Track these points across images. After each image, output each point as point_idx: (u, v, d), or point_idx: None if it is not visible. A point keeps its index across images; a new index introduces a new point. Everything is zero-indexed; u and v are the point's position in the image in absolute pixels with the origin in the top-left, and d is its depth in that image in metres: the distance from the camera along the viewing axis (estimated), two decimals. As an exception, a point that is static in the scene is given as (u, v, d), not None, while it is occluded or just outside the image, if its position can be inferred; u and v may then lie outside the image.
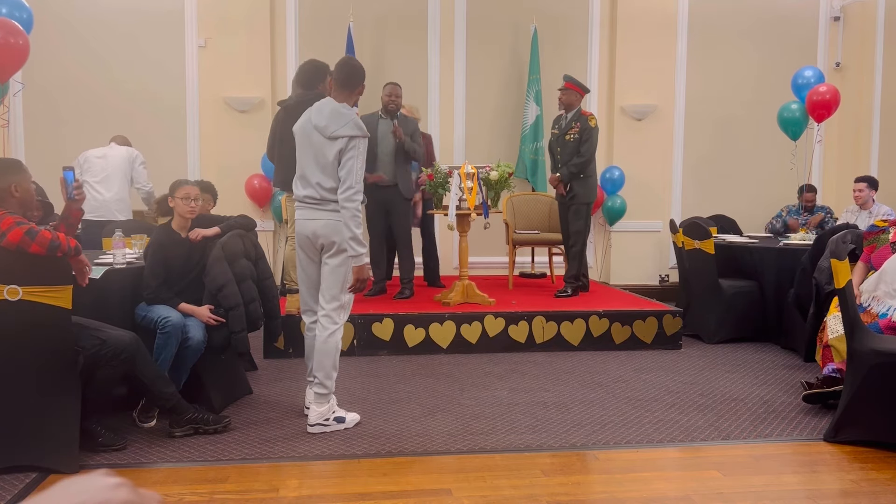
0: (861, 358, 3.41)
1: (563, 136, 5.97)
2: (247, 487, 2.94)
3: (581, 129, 5.90)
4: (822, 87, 6.49)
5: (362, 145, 3.46)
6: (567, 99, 5.97)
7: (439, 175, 5.47)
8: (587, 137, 5.86)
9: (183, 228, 3.88)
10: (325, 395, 3.58)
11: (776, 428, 3.66)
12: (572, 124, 5.94)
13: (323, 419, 3.56)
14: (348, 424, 3.62)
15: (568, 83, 6.00)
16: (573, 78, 6.05)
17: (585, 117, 5.93)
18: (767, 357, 5.22)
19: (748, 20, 7.58)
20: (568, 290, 5.94)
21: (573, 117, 5.96)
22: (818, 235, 5.24)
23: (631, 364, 4.95)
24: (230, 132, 6.87)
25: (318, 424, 3.55)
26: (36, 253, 2.91)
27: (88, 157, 5.88)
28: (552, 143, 6.17)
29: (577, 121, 5.93)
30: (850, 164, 7.73)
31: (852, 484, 2.99)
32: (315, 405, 3.58)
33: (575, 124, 5.92)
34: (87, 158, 5.88)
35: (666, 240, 7.07)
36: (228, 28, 6.88)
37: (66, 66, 6.80)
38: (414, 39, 7.25)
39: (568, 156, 5.92)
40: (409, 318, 5.18)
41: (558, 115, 6.17)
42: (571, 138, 5.92)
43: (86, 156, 5.90)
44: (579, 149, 5.86)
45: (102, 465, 3.13)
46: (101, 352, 3.18)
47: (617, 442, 3.47)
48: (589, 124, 5.89)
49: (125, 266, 3.88)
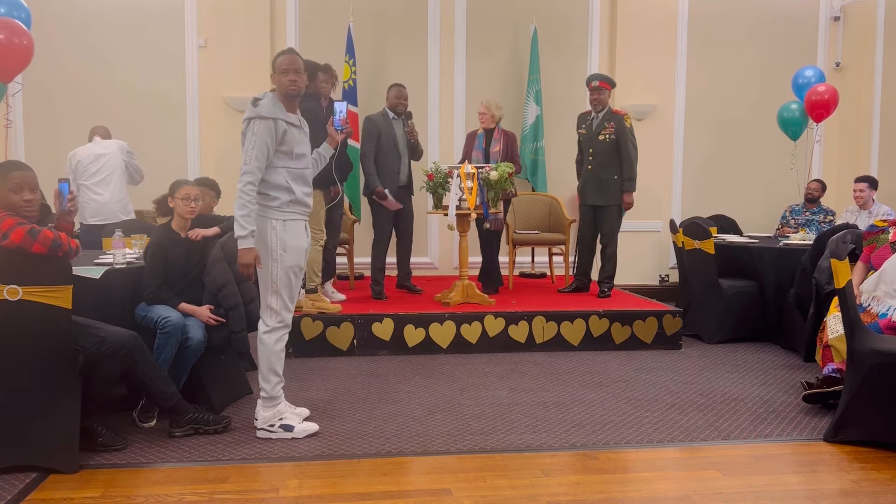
0: (861, 358, 3.41)
1: (597, 137, 5.86)
2: (247, 487, 2.94)
3: (617, 129, 5.79)
4: (821, 86, 6.49)
5: (258, 126, 3.29)
6: (601, 98, 5.85)
7: (439, 175, 5.47)
8: (629, 139, 5.78)
9: (183, 228, 3.88)
10: (268, 399, 3.48)
11: (776, 428, 3.66)
12: (605, 124, 5.83)
13: (267, 424, 3.47)
14: (297, 434, 3.46)
15: (602, 82, 5.86)
16: (605, 75, 5.95)
17: (620, 117, 5.83)
18: (767, 357, 5.22)
19: (748, 20, 7.58)
20: (606, 291, 5.90)
21: (605, 116, 5.85)
22: (818, 235, 5.24)
23: (631, 364, 4.95)
24: (230, 132, 6.85)
25: (263, 430, 3.48)
26: (38, 252, 2.91)
27: (80, 159, 5.65)
28: (582, 143, 6.05)
29: (610, 120, 5.82)
30: (850, 164, 7.72)
31: (852, 484, 2.99)
32: (260, 409, 3.50)
33: (608, 124, 5.81)
34: (79, 160, 5.65)
35: (666, 240, 7.07)
36: (228, 28, 6.87)
37: (66, 65, 6.79)
38: (414, 39, 7.25)
39: (605, 158, 5.82)
40: (409, 318, 5.18)
41: (584, 114, 6.05)
42: (606, 138, 5.82)
43: (76, 157, 5.68)
44: (620, 151, 5.78)
45: (102, 465, 3.14)
46: (100, 349, 3.18)
47: (617, 442, 3.47)
48: (625, 125, 5.80)
49: (125, 266, 3.88)
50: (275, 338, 3.47)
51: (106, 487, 2.91)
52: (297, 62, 3.40)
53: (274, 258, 3.38)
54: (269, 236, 3.36)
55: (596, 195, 5.93)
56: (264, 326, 3.46)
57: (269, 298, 3.43)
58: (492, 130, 5.98)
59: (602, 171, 5.86)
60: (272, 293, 3.42)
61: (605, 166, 5.85)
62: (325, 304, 5.19)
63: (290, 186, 3.38)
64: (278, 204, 3.37)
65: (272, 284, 3.41)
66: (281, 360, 3.50)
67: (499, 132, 5.97)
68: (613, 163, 5.84)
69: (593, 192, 5.94)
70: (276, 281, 3.40)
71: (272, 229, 3.36)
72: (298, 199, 3.42)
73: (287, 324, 3.51)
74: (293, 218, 3.42)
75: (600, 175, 5.87)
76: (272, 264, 3.38)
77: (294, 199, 3.40)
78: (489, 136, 5.98)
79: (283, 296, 3.44)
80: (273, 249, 3.37)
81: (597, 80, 5.89)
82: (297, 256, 3.44)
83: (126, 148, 5.82)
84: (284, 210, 3.38)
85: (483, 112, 5.96)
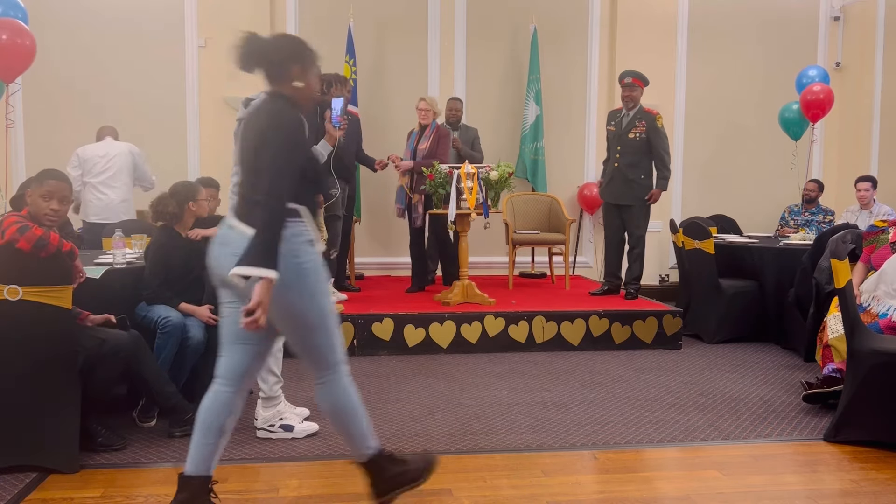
0: (861, 358, 3.41)
1: (626, 135, 5.77)
2: (247, 487, 2.94)
3: (649, 129, 5.70)
4: (816, 86, 6.51)
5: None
6: (633, 95, 5.76)
7: (439, 175, 5.47)
8: (661, 139, 5.72)
9: (186, 228, 3.88)
10: (267, 400, 3.47)
11: (776, 428, 3.66)
12: (635, 122, 5.75)
13: (267, 424, 3.46)
14: (297, 434, 3.45)
15: (635, 79, 5.76)
16: (638, 72, 5.81)
17: (653, 116, 5.74)
18: (767, 357, 5.22)
19: (748, 20, 7.58)
20: (633, 292, 5.85)
21: (636, 115, 5.76)
22: (818, 235, 5.24)
23: (631, 364, 4.95)
24: (230, 132, 6.79)
25: (263, 429, 3.47)
26: (22, 249, 2.90)
27: (89, 157, 5.67)
28: (610, 140, 5.96)
29: (641, 118, 5.74)
30: (850, 164, 7.72)
31: (852, 484, 2.99)
32: (260, 408, 3.49)
33: (639, 122, 5.74)
34: (87, 157, 5.67)
35: (666, 240, 7.06)
36: (228, 28, 6.81)
37: (66, 66, 6.79)
38: (414, 39, 7.25)
39: (634, 157, 5.74)
40: (409, 317, 5.18)
41: (614, 111, 5.99)
42: (637, 137, 5.73)
43: (84, 154, 5.69)
44: (652, 151, 5.72)
45: (102, 465, 3.14)
46: (100, 350, 3.18)
47: (617, 442, 3.47)
48: (657, 125, 5.71)
49: (125, 266, 3.88)
50: None
51: (106, 487, 2.91)
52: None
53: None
54: None
55: (622, 194, 5.83)
56: None
57: None
58: (425, 128, 5.95)
59: (629, 171, 5.77)
60: None
61: (633, 165, 5.76)
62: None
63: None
64: None
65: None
66: (278, 360, 3.49)
67: (430, 129, 5.93)
68: (641, 163, 5.76)
69: (619, 190, 5.85)
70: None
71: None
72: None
73: None
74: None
75: (627, 174, 5.78)
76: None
77: None
78: (423, 133, 5.96)
79: None
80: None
81: (630, 77, 5.77)
82: None
83: (137, 152, 5.84)
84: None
85: (425, 109, 5.92)
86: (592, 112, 7.51)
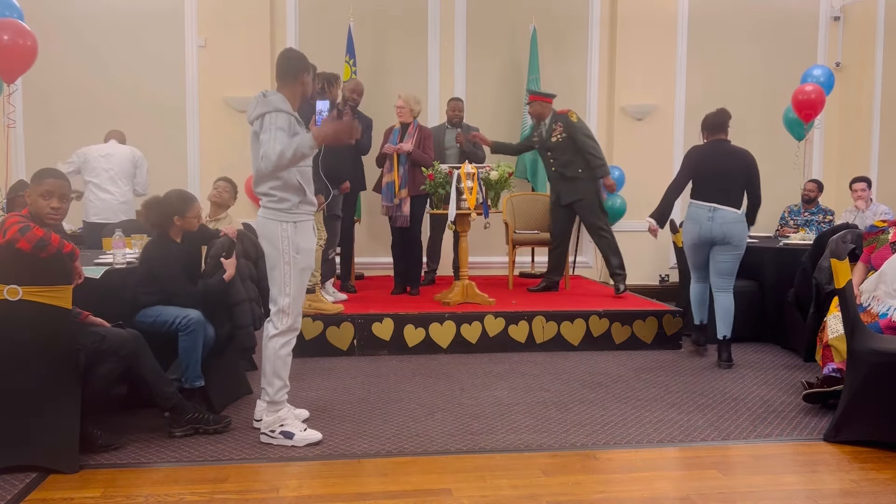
0: (861, 358, 3.41)
1: (549, 140, 6.02)
2: (247, 487, 2.94)
3: (566, 127, 5.94)
4: (808, 86, 6.52)
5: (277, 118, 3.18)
6: (537, 111, 6.06)
7: (439, 175, 5.47)
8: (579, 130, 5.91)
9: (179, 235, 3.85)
10: (272, 404, 3.43)
11: (776, 428, 3.66)
12: (553, 127, 6.00)
13: (269, 429, 3.42)
14: (297, 443, 3.36)
15: (533, 96, 6.12)
16: (535, 90, 6.20)
17: (564, 115, 5.98)
18: (767, 357, 5.22)
19: (748, 20, 7.58)
20: (620, 286, 5.93)
21: (552, 120, 6.03)
22: (818, 235, 5.24)
23: (631, 364, 4.95)
24: (230, 132, 6.86)
25: (264, 434, 3.43)
26: (22, 249, 2.90)
27: (91, 157, 5.73)
28: (541, 151, 6.19)
29: (556, 121, 5.99)
30: (850, 164, 7.72)
31: (852, 484, 2.99)
32: (264, 413, 3.46)
33: (556, 125, 5.98)
34: (89, 157, 5.72)
35: (666, 240, 7.06)
36: (228, 28, 6.87)
37: (66, 66, 6.79)
38: (414, 39, 7.25)
39: (564, 156, 5.95)
40: (409, 317, 5.18)
41: (533, 125, 6.23)
42: (559, 139, 5.97)
43: (86, 154, 5.74)
44: (576, 144, 5.89)
45: (102, 465, 3.14)
46: (100, 347, 3.18)
47: (617, 442, 3.47)
48: (571, 120, 5.94)
49: (125, 266, 3.87)
50: (282, 342, 3.40)
51: (106, 487, 2.91)
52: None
53: (286, 261, 3.33)
54: (280, 239, 3.32)
55: (568, 193, 6.04)
56: (273, 329, 3.39)
57: (280, 301, 3.36)
58: (407, 126, 5.94)
59: (566, 170, 6.00)
60: (284, 296, 3.35)
61: (567, 164, 5.99)
62: (324, 304, 5.18)
63: (303, 186, 3.35)
64: (288, 206, 3.32)
65: (285, 287, 3.34)
66: (287, 365, 3.45)
67: (413, 127, 5.92)
68: (574, 159, 5.96)
69: (564, 190, 6.06)
70: (290, 283, 3.35)
71: (283, 231, 3.32)
72: (308, 199, 3.40)
73: (296, 328, 3.45)
74: (303, 219, 3.39)
75: (565, 173, 6.01)
76: (284, 267, 3.33)
77: (304, 200, 3.37)
78: (404, 131, 5.94)
79: (296, 299, 3.39)
80: (285, 252, 3.32)
81: (529, 95, 6.18)
82: (308, 258, 3.43)
83: (139, 158, 5.91)
84: (295, 212, 3.34)
85: (401, 106, 5.90)
86: (592, 112, 7.52)
